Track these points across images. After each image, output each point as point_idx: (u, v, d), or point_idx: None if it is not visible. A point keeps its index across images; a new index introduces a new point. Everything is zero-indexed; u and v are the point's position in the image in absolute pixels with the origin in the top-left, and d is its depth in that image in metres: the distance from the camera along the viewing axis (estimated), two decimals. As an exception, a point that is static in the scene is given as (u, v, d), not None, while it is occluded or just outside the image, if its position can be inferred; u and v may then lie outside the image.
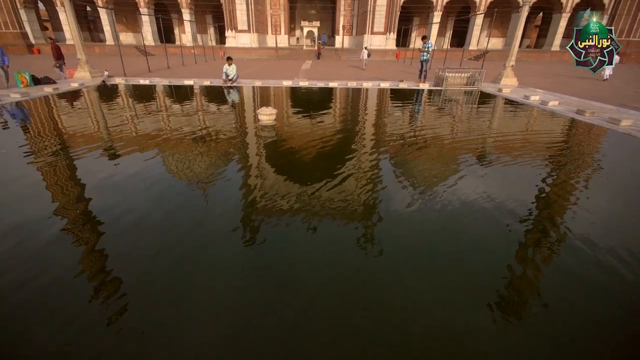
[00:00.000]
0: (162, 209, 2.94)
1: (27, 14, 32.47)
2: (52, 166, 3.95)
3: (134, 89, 10.54)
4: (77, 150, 4.55)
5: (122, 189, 3.37)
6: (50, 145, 4.70)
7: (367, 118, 7.29)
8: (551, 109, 7.61)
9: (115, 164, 4.12)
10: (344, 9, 35.42)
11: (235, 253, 2.32)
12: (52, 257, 2.22)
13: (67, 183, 3.49)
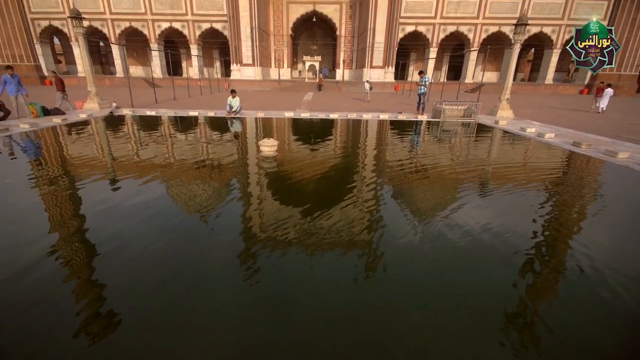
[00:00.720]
0: (162, 239, 2.92)
1: (43, 48, 34.19)
2: (53, 194, 3.99)
3: (140, 120, 10.83)
4: (79, 179, 4.61)
5: (122, 218, 3.38)
6: (54, 174, 4.76)
7: (367, 148, 7.42)
8: (547, 140, 7.75)
9: (116, 193, 4.17)
10: (344, 45, 37.23)
11: (235, 284, 2.30)
12: (43, 287, 2.19)
13: (67, 211, 3.51)
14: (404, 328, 1.91)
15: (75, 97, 15.49)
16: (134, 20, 33.01)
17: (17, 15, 31.64)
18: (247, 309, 2.07)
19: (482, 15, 32.19)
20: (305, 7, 35.99)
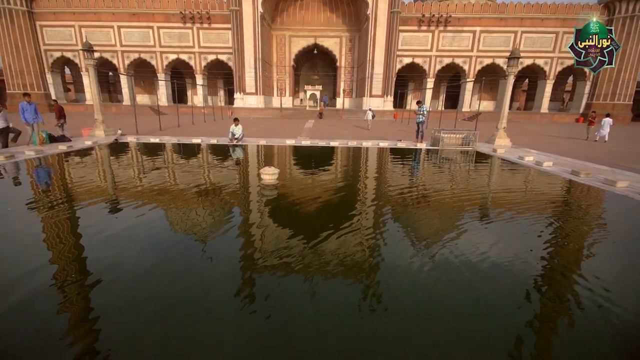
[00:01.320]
0: (160, 267, 2.89)
1: (53, 77, 35.49)
2: (51, 221, 4.00)
3: (144, 147, 11.02)
4: (79, 206, 4.64)
5: (119, 245, 3.37)
6: (54, 201, 4.79)
7: (367, 176, 7.49)
8: (546, 169, 7.82)
9: (114, 219, 4.18)
10: (344, 75, 38.58)
11: (235, 313, 2.26)
12: (36, 319, 2.14)
13: (63, 239, 3.49)
14: (411, 354, 1.87)
15: (82, 124, 15.85)
16: (143, 52, 34.49)
17: (31, 47, 33.14)
18: (248, 339, 2.02)
19: (476, 48, 33.58)
20: (306, 40, 37.70)
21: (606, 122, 15.23)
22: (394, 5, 30.54)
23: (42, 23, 33.58)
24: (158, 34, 33.93)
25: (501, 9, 32.69)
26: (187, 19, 33.12)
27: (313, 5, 36.81)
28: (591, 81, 33.45)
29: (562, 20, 32.19)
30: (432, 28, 33.13)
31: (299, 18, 37.46)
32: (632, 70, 31.46)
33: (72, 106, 35.54)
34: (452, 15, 32.54)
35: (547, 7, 32.17)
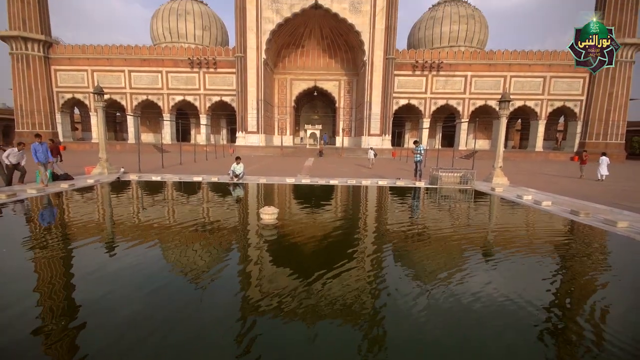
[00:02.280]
0: (153, 309, 2.80)
1: (63, 117, 36.77)
2: (46, 260, 3.95)
3: (145, 185, 11.13)
4: (75, 244, 4.62)
5: (112, 286, 3.32)
6: (51, 239, 4.74)
7: (367, 215, 7.48)
8: (545, 208, 7.84)
9: (110, 259, 4.15)
10: (343, 115, 40.03)
11: (231, 358, 2.15)
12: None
13: (56, 278, 3.42)
14: None
15: (86, 162, 16.13)
16: (151, 94, 36.09)
17: (44, 89, 34.74)
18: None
19: (468, 91, 35.24)
20: (307, 83, 39.65)
21: (603, 161, 15.44)
22: (389, 52, 32.57)
23: (56, 67, 35.54)
24: (166, 77, 35.77)
25: (490, 55, 34.81)
26: (195, 64, 35.11)
27: (313, 52, 39.23)
28: (582, 121, 34.61)
29: (549, 66, 34.14)
30: (425, 73, 35.02)
31: (300, 63, 39.74)
32: (620, 112, 32.71)
33: (78, 144, 36.43)
34: (444, 62, 34.56)
35: (533, 54, 34.28)
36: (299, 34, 37.13)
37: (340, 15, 32.28)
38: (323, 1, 31.92)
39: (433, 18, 40.78)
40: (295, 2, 32.12)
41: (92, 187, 10.24)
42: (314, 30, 36.91)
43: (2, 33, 32.70)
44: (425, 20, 41.66)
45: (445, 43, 39.77)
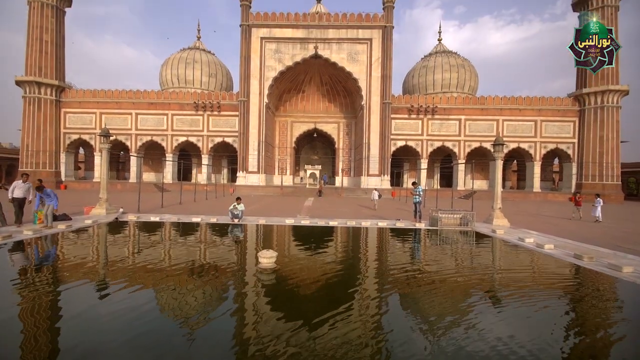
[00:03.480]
0: (140, 357, 2.65)
1: (67, 157, 37.47)
2: (33, 304, 3.82)
3: (143, 226, 11.03)
4: (65, 288, 4.53)
5: (99, 332, 3.19)
6: (42, 283, 4.61)
7: (368, 259, 7.34)
8: (548, 252, 7.73)
9: (98, 303, 4.05)
10: (342, 155, 40.92)
11: None
12: None
13: (42, 323, 3.26)
14: None
15: (86, 202, 16.16)
16: (155, 135, 37.18)
17: (52, 131, 35.84)
18: None
19: (463, 133, 36.41)
20: (307, 125, 41.10)
21: (598, 203, 15.51)
22: (385, 97, 34.22)
23: (66, 110, 37.02)
24: (172, 119, 37.13)
25: (481, 101, 36.53)
26: (200, 108, 36.64)
27: (313, 97, 41.18)
28: (577, 163, 35.29)
29: (539, 111, 35.69)
30: (421, 116, 36.47)
31: (300, 107, 41.52)
32: (613, 154, 33.49)
33: (79, 183, 36.71)
34: (438, 106, 36.16)
35: (522, 99, 36.01)
36: (300, 80, 39.26)
37: (338, 64, 34.42)
38: (323, 52, 34.23)
39: (426, 67, 43.46)
40: (296, 52, 34.42)
41: (89, 228, 10.14)
42: (314, 76, 39.10)
43: (18, 78, 34.53)
44: (419, 69, 44.33)
45: (438, 89, 41.95)
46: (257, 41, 34.37)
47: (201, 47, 45.75)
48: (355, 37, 34.27)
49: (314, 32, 34.19)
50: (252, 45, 34.30)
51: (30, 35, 34.66)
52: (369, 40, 34.19)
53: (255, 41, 34.35)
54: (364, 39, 34.26)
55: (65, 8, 37.25)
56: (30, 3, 34.59)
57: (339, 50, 34.40)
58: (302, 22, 34.29)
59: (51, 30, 35.01)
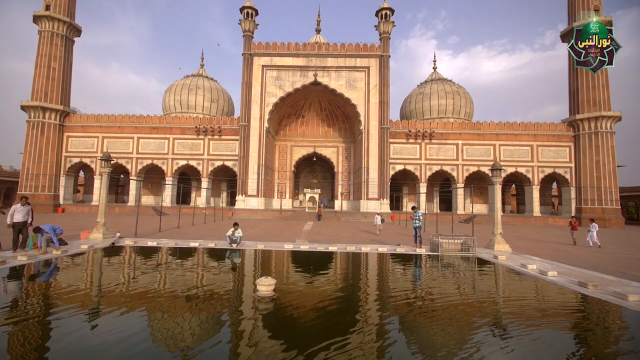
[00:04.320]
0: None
1: (66, 180, 37.47)
2: (22, 332, 3.67)
3: (140, 251, 10.86)
4: (56, 315, 4.42)
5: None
6: (33, 310, 4.46)
7: (369, 287, 7.18)
8: (551, 279, 7.58)
9: (91, 332, 3.92)
10: (341, 179, 41.06)
11: None
12: None
13: (27, 353, 3.13)
14: None
15: (83, 225, 16.01)
16: (156, 158, 37.45)
17: (53, 154, 36.10)
18: None
19: (460, 157, 36.79)
20: (306, 149, 41.58)
21: (593, 228, 15.37)
22: (383, 122, 34.89)
23: (69, 134, 37.51)
24: (173, 143, 37.56)
25: (477, 126, 37.23)
26: (201, 132, 37.20)
27: (313, 121, 41.97)
28: (575, 187, 35.39)
29: (534, 136, 36.30)
30: (418, 141, 37.00)
31: (300, 131, 42.19)
32: (610, 178, 33.67)
33: (77, 207, 36.50)
34: (435, 131, 36.80)
35: (517, 125, 36.74)
36: (300, 105, 40.19)
37: (337, 91, 35.39)
38: (322, 79, 35.30)
39: (422, 94, 44.70)
40: (296, 80, 35.49)
41: (84, 253, 9.97)
42: (313, 102, 40.05)
43: (24, 103, 35.26)
44: (415, 95, 45.57)
45: (435, 115, 42.91)
46: (258, 69, 35.53)
47: (204, 74, 47.21)
48: (353, 65, 35.49)
49: (314, 61, 35.44)
50: (254, 73, 35.42)
51: (38, 62, 35.80)
52: (367, 68, 35.39)
53: (256, 69, 35.51)
54: (362, 67, 35.47)
55: (75, 38, 38.75)
56: (41, 32, 36.01)
57: (338, 77, 35.50)
58: (302, 52, 35.62)
59: (59, 58, 36.20)
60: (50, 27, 35.82)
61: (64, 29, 36.55)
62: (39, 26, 36.18)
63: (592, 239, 15.14)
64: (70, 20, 36.91)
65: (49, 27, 35.81)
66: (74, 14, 38.19)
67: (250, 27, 35.83)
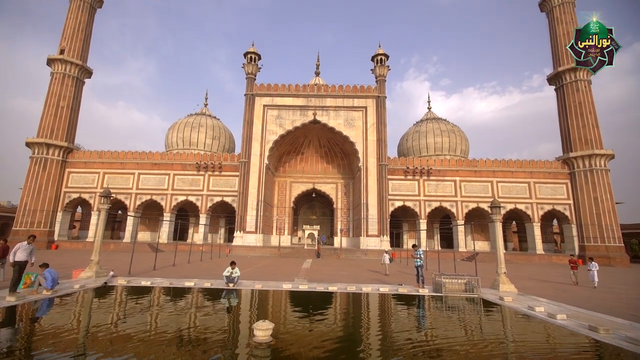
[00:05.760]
0: None
1: (63, 216, 37.08)
2: None
3: (132, 291, 10.48)
4: (39, 355, 4.09)
5: None
6: (12, 354, 4.21)
7: (370, 331, 6.86)
8: (560, 322, 7.28)
9: None
10: (340, 215, 40.79)
11: None
12: None
13: None
14: None
15: (76, 263, 15.58)
16: (155, 194, 37.43)
17: (53, 190, 36.09)
18: None
19: (459, 194, 36.91)
20: (306, 185, 41.81)
21: (593, 267, 15.01)
22: (381, 159, 35.49)
23: (71, 170, 37.82)
24: (173, 179, 37.79)
25: (474, 163, 37.84)
26: (201, 168, 37.61)
27: (312, 158, 42.67)
28: (576, 224, 35.08)
29: (530, 173, 36.77)
30: (417, 177, 37.37)
31: (299, 168, 42.73)
32: (610, 215, 33.53)
33: (71, 243, 35.76)
34: (433, 168, 37.32)
35: (513, 162, 37.38)
36: (299, 142, 41.11)
37: (336, 129, 36.44)
38: (321, 118, 36.51)
39: (418, 132, 46.02)
40: (296, 118, 36.69)
41: (75, 293, 9.61)
42: (312, 140, 41.03)
43: (29, 140, 35.95)
44: (412, 133, 46.88)
45: (431, 152, 43.81)
46: (260, 108, 36.87)
47: (207, 113, 48.86)
48: (351, 105, 36.93)
49: (313, 101, 36.91)
50: (255, 112, 36.70)
51: (48, 101, 37.11)
52: (364, 107, 36.78)
53: (258, 108, 36.85)
54: (359, 107, 36.88)
55: (85, 79, 40.60)
56: (53, 74, 37.77)
57: (336, 116, 36.75)
58: (302, 92, 37.23)
59: (68, 98, 37.61)
60: (62, 69, 37.66)
61: (75, 71, 38.41)
62: (52, 68, 38.03)
63: (594, 278, 14.71)
64: (82, 63, 38.92)
65: (62, 69, 37.64)
66: (86, 57, 40.36)
67: (253, 70, 37.78)
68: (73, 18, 39.08)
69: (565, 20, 37.45)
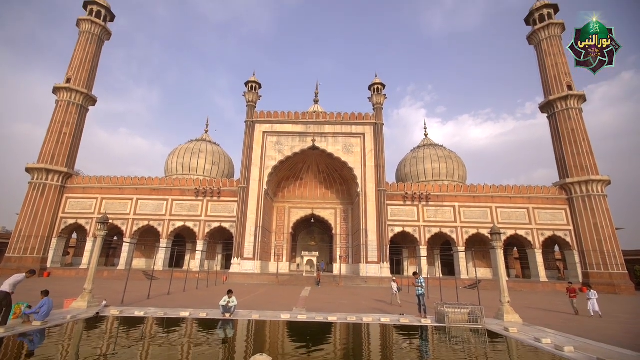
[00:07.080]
0: None
1: (58, 242, 36.39)
2: None
3: (125, 322, 10.12)
4: None
5: None
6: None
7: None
8: (568, 355, 7.03)
9: None
10: (340, 242, 40.30)
11: None
12: None
13: None
14: None
15: (69, 292, 15.13)
16: (153, 220, 37.03)
17: (49, 215, 35.70)
18: None
19: (459, 220, 36.70)
20: (305, 211, 41.60)
21: (592, 295, 14.64)
22: (380, 185, 35.62)
23: (69, 195, 37.62)
24: (171, 205, 37.57)
25: (472, 189, 37.96)
26: (200, 193, 37.54)
27: (311, 184, 42.79)
28: (578, 251, 34.63)
29: (528, 199, 36.83)
30: (415, 203, 37.32)
31: (298, 193, 42.73)
32: (611, 241, 33.18)
33: (64, 270, 34.85)
34: (431, 194, 37.37)
35: (511, 188, 37.54)
36: (298, 168, 41.41)
37: (335, 155, 36.86)
38: (320, 144, 37.05)
39: (416, 157, 46.58)
40: (295, 144, 37.22)
41: (65, 324, 9.26)
42: (311, 165, 41.37)
43: (29, 165, 36.05)
44: (409, 159, 47.42)
45: (429, 177, 44.09)
46: (259, 134, 37.49)
47: (207, 139, 49.55)
48: (350, 132, 37.63)
49: (312, 127, 37.65)
50: (255, 138, 37.27)
51: (51, 128, 37.63)
52: (362, 134, 37.45)
53: (257, 134, 37.47)
54: (357, 133, 37.56)
55: (89, 107, 41.50)
56: (58, 102, 38.62)
57: (335, 142, 37.32)
58: (301, 119, 38.04)
59: (72, 125, 38.20)
60: (67, 97, 38.57)
61: (80, 99, 39.32)
62: (57, 96, 38.96)
63: (594, 307, 14.27)
64: (87, 91, 39.93)
65: (67, 97, 38.55)
66: (92, 86, 41.47)
67: (254, 98, 38.83)
68: (81, 50, 40.57)
69: (552, 53, 39.09)
